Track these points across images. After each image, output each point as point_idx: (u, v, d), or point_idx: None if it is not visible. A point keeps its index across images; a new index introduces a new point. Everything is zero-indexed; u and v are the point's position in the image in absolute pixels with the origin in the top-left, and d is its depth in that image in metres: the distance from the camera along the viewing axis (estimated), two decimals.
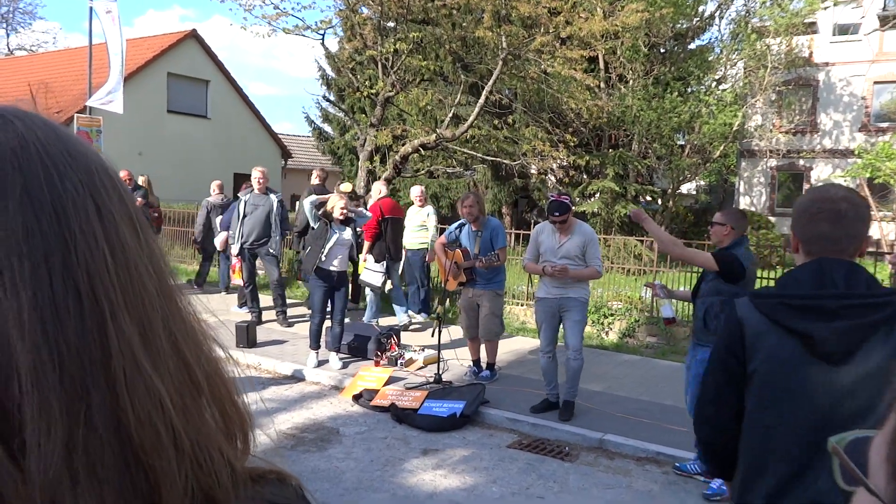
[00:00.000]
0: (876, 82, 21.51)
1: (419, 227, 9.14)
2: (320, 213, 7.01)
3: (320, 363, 7.14)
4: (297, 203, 9.53)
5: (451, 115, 14.68)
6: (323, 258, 6.87)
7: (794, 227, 1.87)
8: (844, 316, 1.70)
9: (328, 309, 7.11)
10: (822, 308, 1.73)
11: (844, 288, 1.74)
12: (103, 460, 0.43)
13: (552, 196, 5.94)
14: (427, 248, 9.04)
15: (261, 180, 8.72)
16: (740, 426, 1.85)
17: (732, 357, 1.84)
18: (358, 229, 7.25)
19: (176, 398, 0.48)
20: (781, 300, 1.80)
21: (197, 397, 0.50)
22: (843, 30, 21.85)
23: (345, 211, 7.04)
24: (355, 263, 8.06)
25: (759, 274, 9.71)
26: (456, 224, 6.97)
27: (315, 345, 7.15)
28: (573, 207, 5.85)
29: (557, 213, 5.73)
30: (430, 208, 9.35)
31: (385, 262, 8.46)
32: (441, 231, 8.22)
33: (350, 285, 7.44)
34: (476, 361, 7.01)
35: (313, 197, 7.21)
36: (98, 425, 0.43)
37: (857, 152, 19.78)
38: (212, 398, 0.52)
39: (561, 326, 5.92)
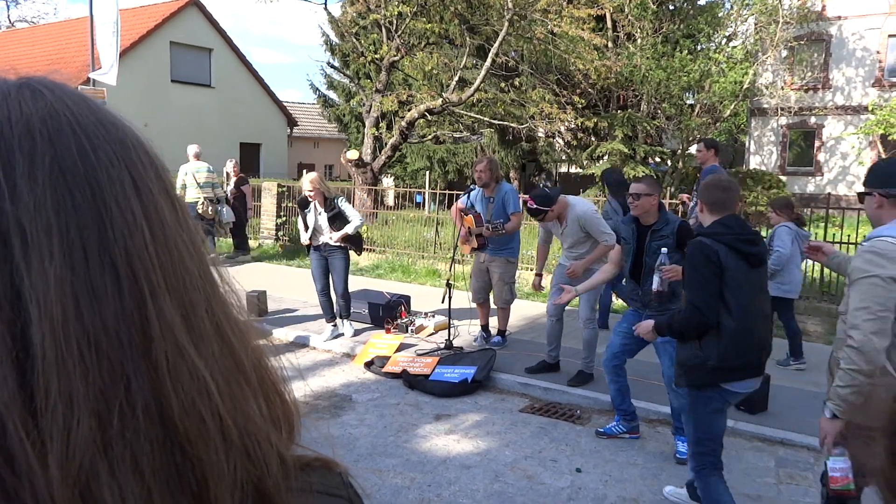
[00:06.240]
0: (891, 35, 21.04)
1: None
2: (297, 203, 6.96)
3: (335, 337, 7.08)
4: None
5: (456, 78, 14.50)
6: (308, 239, 6.88)
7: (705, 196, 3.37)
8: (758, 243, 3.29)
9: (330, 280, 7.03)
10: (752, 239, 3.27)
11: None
12: (145, 450, 0.41)
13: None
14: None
15: None
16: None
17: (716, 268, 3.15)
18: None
19: (222, 385, 0.45)
20: (736, 236, 3.21)
21: (243, 384, 0.48)
22: None
23: (311, 190, 6.60)
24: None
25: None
26: (477, 188, 6.84)
27: (329, 317, 7.10)
28: (546, 205, 5.55)
29: (532, 216, 5.79)
30: (190, 166, 10.15)
31: None
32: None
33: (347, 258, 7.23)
34: (485, 327, 6.99)
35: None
36: (139, 413, 0.41)
37: (870, 108, 19.43)
38: (258, 385, 0.49)
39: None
